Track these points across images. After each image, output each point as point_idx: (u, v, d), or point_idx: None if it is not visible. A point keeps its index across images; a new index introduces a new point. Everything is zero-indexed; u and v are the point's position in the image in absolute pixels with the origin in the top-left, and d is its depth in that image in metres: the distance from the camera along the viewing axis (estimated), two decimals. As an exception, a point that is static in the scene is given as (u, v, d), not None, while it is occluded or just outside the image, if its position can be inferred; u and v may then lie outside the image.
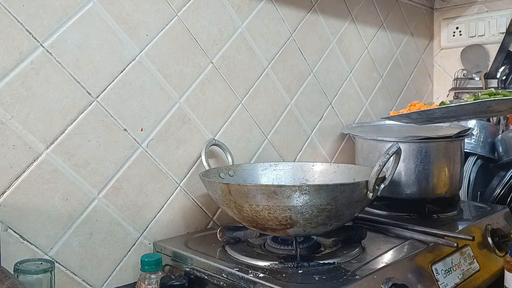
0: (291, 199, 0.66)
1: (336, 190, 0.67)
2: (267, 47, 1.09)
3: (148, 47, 0.86)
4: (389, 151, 0.70)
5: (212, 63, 0.97)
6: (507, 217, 1.07)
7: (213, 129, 0.98)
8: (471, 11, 1.59)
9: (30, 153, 0.72)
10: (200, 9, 0.94)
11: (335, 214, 0.70)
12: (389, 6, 1.47)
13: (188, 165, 0.94)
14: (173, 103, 0.90)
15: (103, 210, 0.81)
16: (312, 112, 1.22)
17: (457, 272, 0.84)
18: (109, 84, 0.80)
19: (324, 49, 1.25)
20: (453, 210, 1.04)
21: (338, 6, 1.29)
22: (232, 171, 0.93)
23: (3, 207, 0.69)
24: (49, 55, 0.73)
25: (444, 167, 1.02)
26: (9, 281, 0.53)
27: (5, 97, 0.69)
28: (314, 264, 0.71)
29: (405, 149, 0.99)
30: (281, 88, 1.13)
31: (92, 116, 0.78)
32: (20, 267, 0.63)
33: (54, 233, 0.75)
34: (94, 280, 0.80)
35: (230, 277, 0.69)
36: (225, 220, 1.00)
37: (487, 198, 1.26)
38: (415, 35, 1.61)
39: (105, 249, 0.81)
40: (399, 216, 1.01)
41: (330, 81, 1.27)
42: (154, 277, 0.74)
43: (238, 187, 0.69)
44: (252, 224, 0.73)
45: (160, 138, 0.88)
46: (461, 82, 1.55)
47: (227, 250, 0.79)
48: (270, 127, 1.11)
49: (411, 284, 0.72)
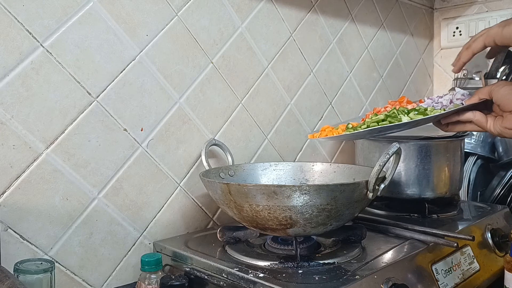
0: (291, 199, 0.66)
1: (336, 190, 0.67)
2: (267, 47, 1.09)
3: (148, 47, 0.86)
4: (389, 151, 0.70)
5: (212, 63, 0.97)
6: (507, 217, 1.07)
7: (213, 129, 0.98)
8: (471, 11, 1.59)
9: (30, 153, 0.72)
10: (200, 9, 0.94)
11: (335, 214, 0.70)
12: (389, 6, 1.47)
13: (188, 165, 0.94)
14: (173, 103, 0.90)
15: (103, 210, 0.81)
16: (312, 112, 1.22)
17: (457, 272, 0.84)
18: (109, 84, 0.80)
19: (324, 49, 1.25)
20: (453, 210, 1.04)
21: (338, 6, 1.29)
22: (232, 171, 0.93)
23: (3, 207, 0.69)
24: (49, 55, 0.73)
25: (444, 167, 1.02)
26: (9, 281, 0.53)
27: (5, 97, 0.69)
28: (314, 264, 0.71)
29: (405, 149, 0.99)
30: (281, 88, 1.13)
31: (92, 116, 0.78)
32: (20, 267, 0.63)
33: (54, 233, 0.75)
34: (94, 280, 0.80)
35: (230, 277, 0.69)
36: (225, 220, 1.00)
37: (487, 198, 1.26)
38: (415, 35, 1.61)
39: (105, 249, 0.81)
40: (399, 216, 1.01)
41: (330, 81, 1.27)
42: (154, 277, 0.74)
43: (238, 187, 0.69)
44: (252, 224, 0.73)
45: (160, 138, 0.88)
46: (461, 82, 1.55)
47: (227, 250, 0.79)
48: (270, 127, 1.11)
49: (411, 284, 0.71)
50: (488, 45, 0.75)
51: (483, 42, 0.76)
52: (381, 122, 0.79)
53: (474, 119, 0.77)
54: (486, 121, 0.76)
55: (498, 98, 0.73)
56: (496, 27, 0.74)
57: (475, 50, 0.77)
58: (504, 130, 0.73)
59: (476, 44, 0.77)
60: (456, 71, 0.80)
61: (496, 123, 0.75)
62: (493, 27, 0.75)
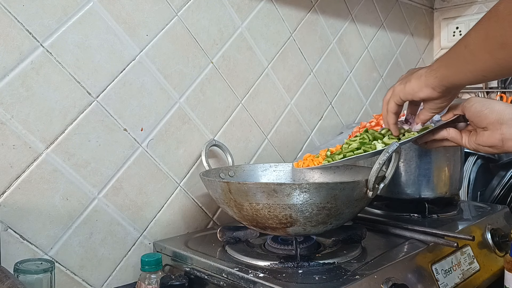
0: (291, 197, 0.66)
1: (336, 188, 0.67)
2: (267, 47, 1.09)
3: (148, 47, 0.86)
4: (389, 149, 0.70)
5: (212, 63, 0.97)
6: (507, 217, 1.07)
7: (213, 129, 0.98)
8: (471, 11, 1.60)
9: (30, 153, 0.72)
10: (200, 9, 0.94)
11: (335, 212, 0.70)
12: (389, 6, 1.47)
13: (188, 165, 0.94)
14: (173, 103, 0.90)
15: (103, 210, 0.81)
16: (312, 112, 1.22)
17: (457, 272, 0.84)
18: (109, 84, 0.80)
19: (324, 49, 1.25)
20: (453, 210, 1.04)
21: (338, 6, 1.29)
22: (232, 172, 0.93)
23: (3, 207, 0.69)
24: (49, 55, 0.73)
25: (444, 167, 1.02)
26: (9, 281, 0.53)
27: (5, 97, 0.69)
28: (314, 264, 0.71)
29: (405, 149, 0.99)
30: (281, 88, 1.13)
31: (92, 116, 0.78)
32: (20, 267, 0.63)
33: (54, 233, 0.75)
34: (94, 280, 0.80)
35: (230, 277, 0.69)
36: (225, 220, 1.00)
37: (487, 198, 1.26)
38: (415, 35, 1.61)
39: (105, 249, 0.81)
40: (399, 216, 1.01)
41: (330, 81, 1.27)
42: (154, 277, 0.74)
43: (238, 185, 0.69)
44: (252, 223, 0.73)
45: (160, 138, 0.88)
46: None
47: (227, 250, 0.79)
48: (270, 127, 1.11)
49: (411, 284, 0.71)
50: (398, 103, 0.74)
51: (393, 102, 0.75)
52: (355, 151, 0.81)
53: (449, 136, 0.77)
54: (461, 138, 0.76)
55: (470, 116, 0.73)
56: (398, 84, 0.73)
57: (393, 110, 0.76)
58: (478, 146, 0.74)
59: (391, 106, 0.76)
60: (397, 133, 0.79)
61: (471, 139, 0.75)
62: (396, 85, 0.74)
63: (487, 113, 0.70)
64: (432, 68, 0.67)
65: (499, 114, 0.69)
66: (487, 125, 0.71)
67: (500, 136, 0.70)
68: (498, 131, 0.70)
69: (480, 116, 0.71)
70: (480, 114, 0.71)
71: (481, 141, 0.73)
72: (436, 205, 1.04)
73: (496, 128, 0.70)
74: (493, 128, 0.70)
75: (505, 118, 0.69)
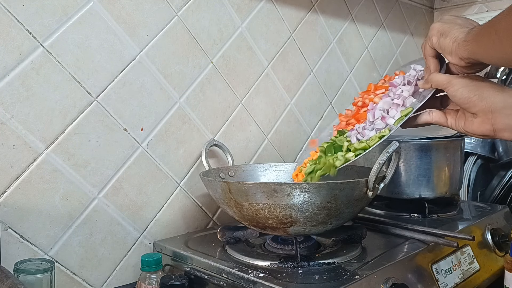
0: (291, 197, 0.66)
1: (336, 188, 0.67)
2: (267, 47, 1.09)
3: (148, 47, 0.86)
4: (389, 149, 0.70)
5: (212, 63, 0.97)
6: (507, 217, 1.07)
7: (213, 129, 0.98)
8: (471, 11, 1.59)
9: (30, 153, 0.72)
10: (200, 9, 0.94)
11: (335, 212, 0.70)
12: (389, 6, 1.47)
13: (188, 165, 0.94)
14: (173, 103, 0.90)
15: (103, 210, 0.81)
16: (312, 112, 1.22)
17: (457, 272, 0.84)
18: (109, 84, 0.80)
19: (324, 49, 1.25)
20: (453, 210, 1.04)
21: (338, 6, 1.29)
22: (232, 172, 0.93)
23: (3, 207, 0.69)
24: (49, 55, 0.73)
25: (444, 167, 1.02)
26: (9, 281, 0.53)
27: (5, 97, 0.69)
28: (314, 264, 0.71)
29: (405, 149, 0.99)
30: (281, 88, 1.13)
31: (92, 116, 0.78)
32: (20, 267, 0.63)
33: (54, 233, 0.75)
34: (94, 280, 0.80)
35: (230, 277, 0.69)
36: (225, 220, 1.00)
37: (487, 198, 1.26)
38: (415, 35, 1.61)
39: (105, 249, 0.81)
40: (399, 216, 1.01)
41: (330, 81, 1.27)
42: (154, 277, 0.74)
43: (238, 185, 0.69)
44: (252, 223, 0.73)
45: (160, 138, 0.88)
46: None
47: (227, 250, 0.79)
48: (270, 127, 1.11)
49: (411, 284, 0.71)
50: (431, 46, 0.71)
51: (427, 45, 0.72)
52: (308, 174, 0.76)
53: (433, 121, 0.71)
54: (446, 120, 0.70)
55: (456, 101, 0.65)
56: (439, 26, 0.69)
57: (431, 54, 0.72)
58: (466, 133, 0.67)
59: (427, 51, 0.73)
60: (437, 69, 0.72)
61: (458, 123, 0.68)
62: (437, 24, 0.70)
63: (476, 100, 0.63)
64: (466, 38, 0.61)
65: (489, 102, 0.62)
66: (476, 112, 0.64)
67: (491, 127, 0.63)
68: (490, 121, 0.63)
69: (468, 103, 0.63)
70: (468, 101, 0.63)
71: (470, 129, 0.66)
72: (436, 205, 1.04)
73: (486, 116, 0.63)
74: (483, 116, 0.63)
75: (497, 106, 0.62)
